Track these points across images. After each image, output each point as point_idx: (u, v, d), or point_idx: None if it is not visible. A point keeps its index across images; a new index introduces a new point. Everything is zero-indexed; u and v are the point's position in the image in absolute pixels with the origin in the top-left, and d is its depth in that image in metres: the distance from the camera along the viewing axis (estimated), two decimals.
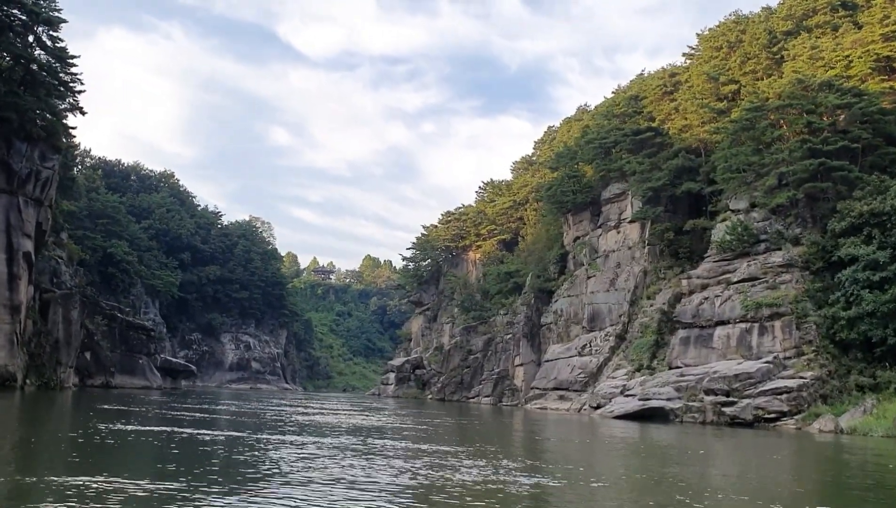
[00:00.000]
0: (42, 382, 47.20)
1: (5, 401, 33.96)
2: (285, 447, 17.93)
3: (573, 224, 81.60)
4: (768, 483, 16.37)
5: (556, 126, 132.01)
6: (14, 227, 44.25)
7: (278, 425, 26.04)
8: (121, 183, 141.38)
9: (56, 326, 48.96)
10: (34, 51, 45.05)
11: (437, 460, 16.60)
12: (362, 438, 21.87)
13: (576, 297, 78.10)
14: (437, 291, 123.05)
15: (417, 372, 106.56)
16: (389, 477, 13.59)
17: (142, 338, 69.74)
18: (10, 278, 43.69)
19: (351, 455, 16.66)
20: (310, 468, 14.37)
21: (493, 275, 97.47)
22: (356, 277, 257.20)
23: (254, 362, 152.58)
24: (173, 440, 18.31)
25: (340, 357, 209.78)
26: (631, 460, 21.83)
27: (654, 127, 74.26)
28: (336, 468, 14.41)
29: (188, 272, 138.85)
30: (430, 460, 16.49)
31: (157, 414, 27.95)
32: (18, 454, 14.60)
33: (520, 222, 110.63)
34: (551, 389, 74.15)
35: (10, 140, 43.91)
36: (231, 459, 15.32)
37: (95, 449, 15.65)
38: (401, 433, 25.51)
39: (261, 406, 42.98)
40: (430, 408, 59.47)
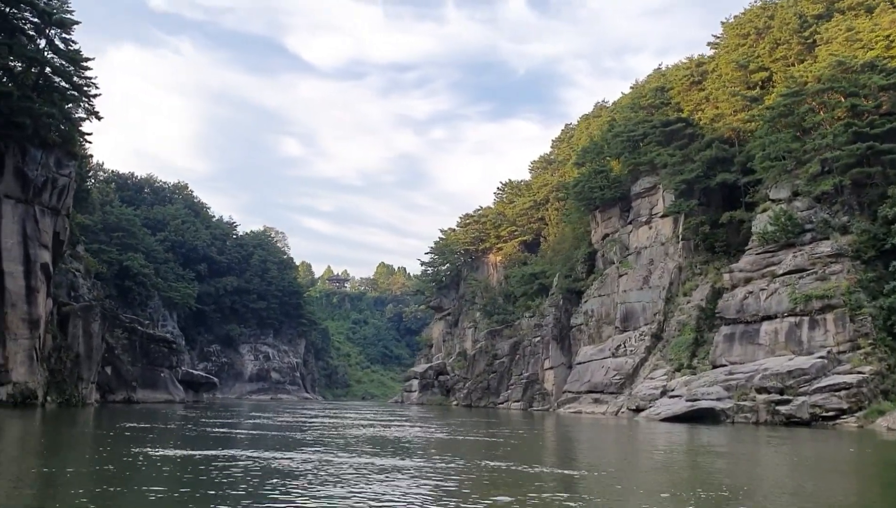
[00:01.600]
0: (63, 399, 45.19)
1: (25, 421, 31.95)
2: (379, 472, 15.22)
3: (601, 221, 79.18)
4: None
5: (573, 124, 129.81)
6: (31, 237, 42.37)
7: (336, 441, 23.63)
8: (135, 196, 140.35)
9: (76, 340, 47.00)
10: (47, 54, 43.20)
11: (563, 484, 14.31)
12: (451, 457, 19.29)
13: (607, 296, 75.68)
14: (457, 295, 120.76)
15: (441, 378, 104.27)
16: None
17: (163, 351, 67.78)
18: (28, 292, 41.79)
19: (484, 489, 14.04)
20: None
21: (517, 277, 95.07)
22: (371, 284, 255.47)
23: (273, 372, 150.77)
24: (233, 469, 15.25)
25: (358, 366, 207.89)
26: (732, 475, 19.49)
27: (684, 118, 71.89)
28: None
29: (205, 284, 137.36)
30: (553, 484, 14.17)
31: (193, 433, 25.64)
32: (40, 487, 12.41)
33: (541, 222, 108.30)
34: (585, 392, 71.77)
35: (24, 147, 42.04)
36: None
37: (134, 479, 13.41)
38: (480, 450, 23.17)
39: (296, 419, 40.76)
40: (464, 416, 57.15)
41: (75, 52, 43.88)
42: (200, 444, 20.67)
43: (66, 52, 44.05)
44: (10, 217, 41.60)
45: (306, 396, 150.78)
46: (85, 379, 47.24)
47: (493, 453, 21.23)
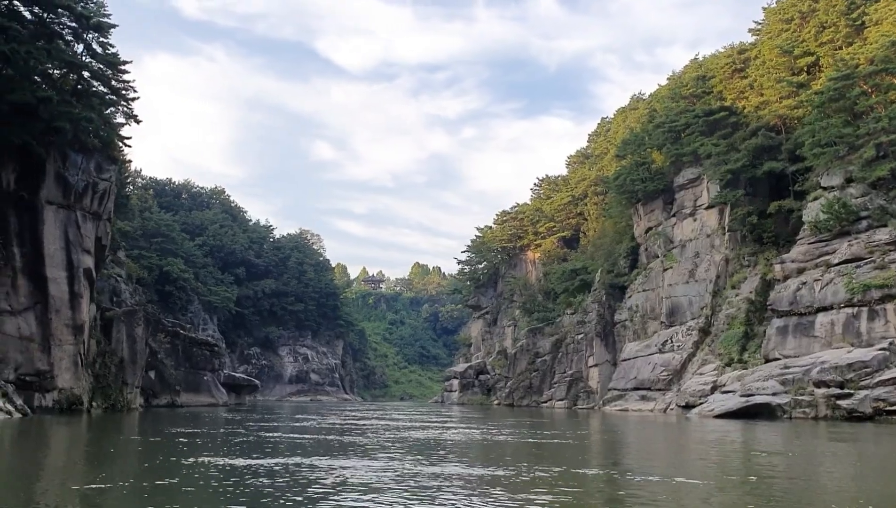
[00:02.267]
0: (109, 404, 45.08)
1: (72, 427, 31.65)
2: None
3: (644, 214, 77.52)
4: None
5: (609, 117, 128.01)
6: (73, 243, 42.27)
7: (398, 446, 22.54)
8: (173, 201, 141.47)
9: (120, 345, 46.89)
10: (84, 58, 43.05)
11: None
12: (532, 464, 18.12)
13: (652, 291, 74.08)
14: (495, 293, 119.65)
15: (481, 378, 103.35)
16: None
17: (205, 354, 67.72)
18: (71, 297, 41.68)
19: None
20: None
21: (557, 274, 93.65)
22: (406, 285, 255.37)
23: (312, 373, 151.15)
24: (307, 480, 13.56)
25: (395, 366, 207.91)
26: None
27: (727, 106, 69.99)
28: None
29: (243, 287, 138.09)
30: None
31: (246, 438, 24.71)
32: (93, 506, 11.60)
33: (580, 217, 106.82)
34: (631, 389, 70.28)
35: (64, 152, 41.93)
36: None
37: (201, 495, 12.50)
38: (564, 454, 22.09)
39: (345, 421, 40.03)
40: (512, 416, 56.12)
41: (113, 56, 43.68)
42: (259, 451, 19.65)
43: (104, 55, 43.87)
44: (53, 223, 41.53)
45: (345, 397, 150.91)
46: (129, 384, 47.09)
47: (577, 457, 20.20)
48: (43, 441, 23.61)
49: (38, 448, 21.16)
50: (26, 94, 38.02)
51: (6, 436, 24.98)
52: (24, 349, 40.22)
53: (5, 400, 33.03)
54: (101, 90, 44.72)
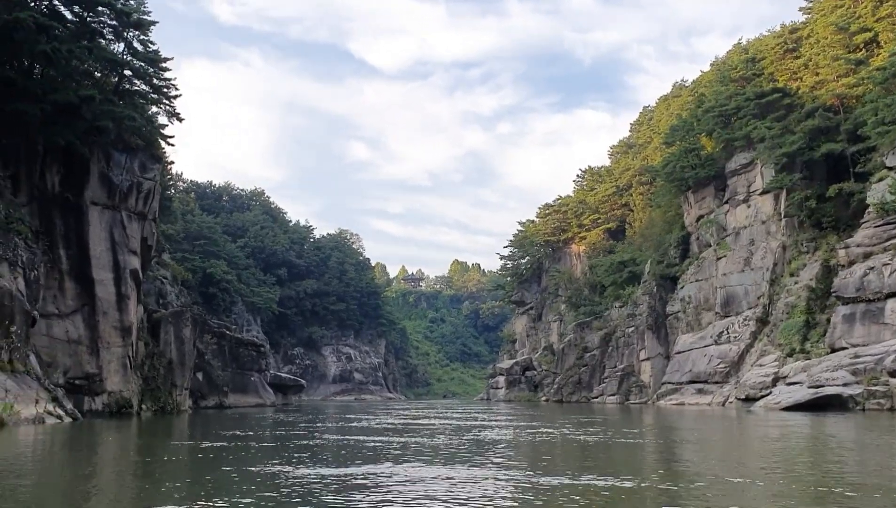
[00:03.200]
0: (158, 406, 44.50)
1: (122, 432, 30.89)
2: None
3: (695, 202, 75.13)
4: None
5: (651, 106, 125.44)
6: (119, 244, 41.71)
7: (476, 449, 20.45)
8: (214, 204, 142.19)
9: (168, 346, 46.32)
10: (126, 56, 42.45)
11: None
12: (627, 466, 16.71)
13: (705, 281, 71.77)
14: (539, 288, 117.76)
15: (528, 374, 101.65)
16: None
17: (252, 355, 67.20)
18: (118, 299, 41.13)
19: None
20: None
21: (605, 266, 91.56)
22: (446, 282, 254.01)
23: (356, 373, 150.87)
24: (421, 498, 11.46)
25: (437, 364, 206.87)
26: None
27: (780, 88, 67.37)
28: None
29: (286, 288, 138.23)
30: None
31: (308, 441, 23.03)
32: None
33: (625, 208, 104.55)
34: (687, 382, 68.17)
35: (108, 152, 41.38)
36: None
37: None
38: (659, 453, 20.58)
39: (402, 421, 38.70)
40: (569, 412, 54.47)
41: (154, 53, 43.05)
42: (333, 457, 17.97)
43: (145, 53, 43.25)
44: (98, 224, 41.01)
45: (389, 395, 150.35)
46: (179, 386, 46.49)
47: (681, 458, 18.67)
48: (96, 448, 22.72)
49: (93, 456, 20.21)
50: (69, 93, 37.48)
51: (57, 442, 24.18)
52: (73, 353, 39.75)
53: (55, 404, 32.41)
54: (143, 88, 44.14)
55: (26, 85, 36.76)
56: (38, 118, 36.88)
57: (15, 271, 34.44)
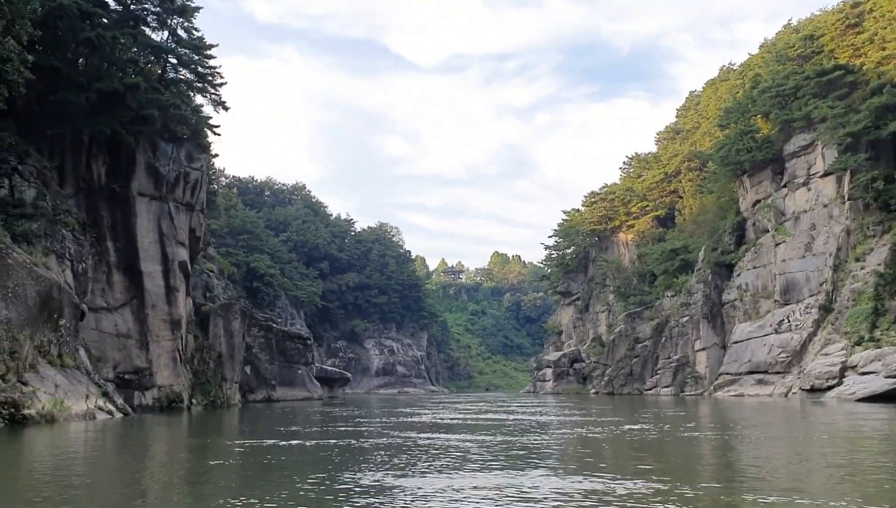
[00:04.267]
0: (209, 400, 43.65)
1: (175, 429, 29.94)
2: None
3: (750, 187, 72.41)
4: None
5: (697, 91, 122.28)
6: (167, 235, 40.87)
7: (575, 449, 18.58)
8: (256, 199, 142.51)
9: (218, 339, 45.44)
10: (170, 43, 41.53)
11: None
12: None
13: (763, 268, 69.14)
14: (585, 279, 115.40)
15: (576, 366, 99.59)
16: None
17: (299, 348, 66.39)
18: (167, 291, 40.31)
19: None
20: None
21: (655, 254, 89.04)
22: (486, 275, 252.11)
23: (399, 366, 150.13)
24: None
25: (479, 356, 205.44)
26: None
27: (842, 65, 64.45)
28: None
29: (328, 281, 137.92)
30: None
31: (388, 440, 20.81)
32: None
33: (674, 195, 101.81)
34: (745, 373, 65.77)
35: (154, 141, 40.52)
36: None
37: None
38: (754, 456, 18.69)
39: (463, 416, 37.09)
40: (630, 405, 52.60)
41: (199, 40, 42.06)
42: (412, 460, 15.28)
43: (189, 41, 42.28)
44: (145, 215, 40.21)
45: (432, 389, 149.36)
46: (228, 379, 45.63)
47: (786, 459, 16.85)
48: (152, 447, 21.59)
49: (147, 454, 19.06)
50: (113, 81, 36.63)
51: (109, 439, 23.17)
52: (122, 347, 39.03)
53: (106, 399, 31.56)
54: (188, 77, 43.16)
55: (71, 74, 36.00)
56: (84, 108, 36.09)
57: (63, 264, 33.70)
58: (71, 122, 36.83)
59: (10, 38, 29.38)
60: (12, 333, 26.25)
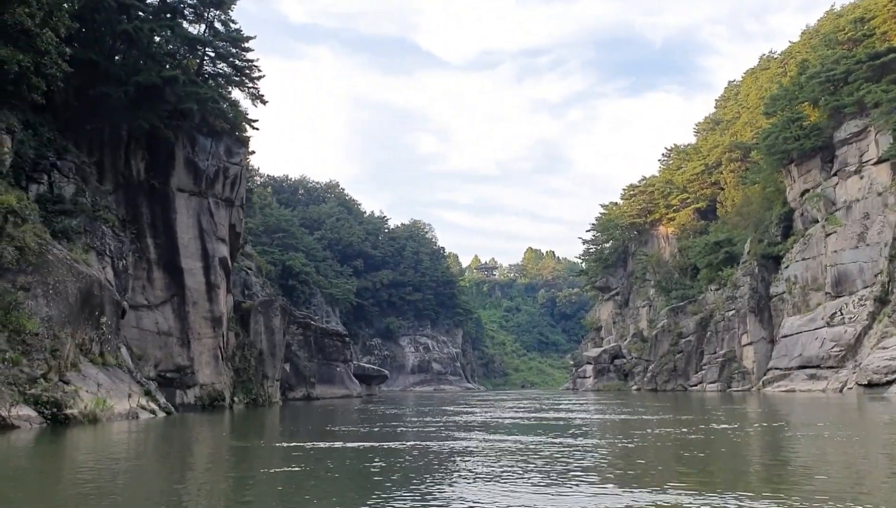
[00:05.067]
0: (250, 399, 42.95)
1: (219, 427, 29.15)
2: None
3: (798, 176, 70.12)
4: None
5: (737, 81, 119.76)
6: (207, 231, 40.21)
7: (670, 460, 17.03)
8: (290, 197, 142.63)
9: (259, 336, 44.74)
10: (207, 36, 40.82)
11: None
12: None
13: (812, 259, 66.90)
14: (625, 273, 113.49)
15: (617, 362, 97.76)
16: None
17: (337, 345, 65.67)
18: (208, 288, 39.65)
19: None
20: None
21: (698, 247, 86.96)
22: (520, 271, 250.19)
23: (434, 363, 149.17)
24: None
25: (514, 353, 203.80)
26: None
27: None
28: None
29: (362, 278, 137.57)
30: None
31: (466, 445, 17.79)
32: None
33: (714, 186, 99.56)
34: (796, 368, 63.69)
35: (193, 136, 39.88)
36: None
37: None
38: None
39: (515, 414, 35.90)
40: (684, 403, 50.99)
41: (236, 32, 41.30)
42: (510, 468, 13.17)
43: (226, 34, 41.54)
44: (185, 211, 39.58)
45: (468, 386, 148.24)
46: (270, 377, 44.91)
47: None
48: (197, 448, 20.71)
49: (196, 460, 18.13)
50: (151, 74, 35.97)
51: (152, 441, 22.36)
52: (163, 345, 38.45)
53: (149, 398, 30.86)
54: (225, 70, 42.43)
55: (108, 68, 35.40)
56: (122, 102, 35.47)
57: (103, 261, 33.10)
58: (109, 117, 36.28)
59: (47, 30, 28.81)
60: (53, 331, 25.61)
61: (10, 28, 27.89)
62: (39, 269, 26.27)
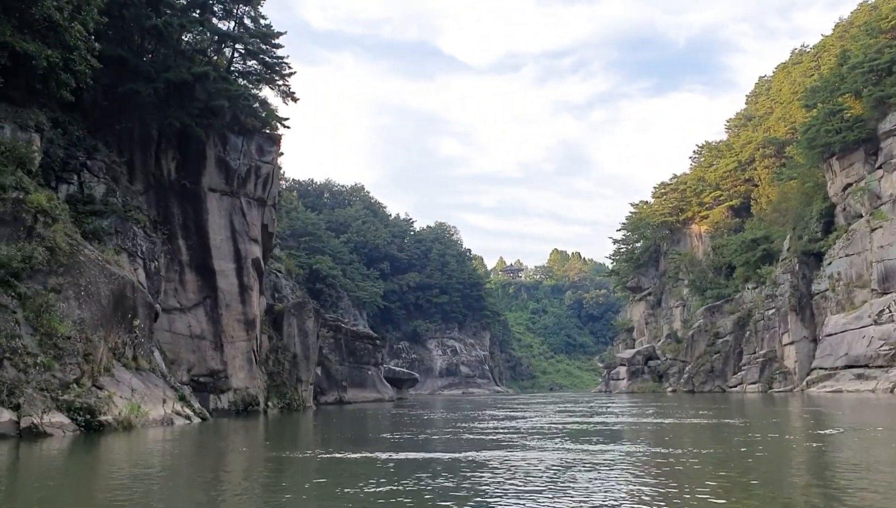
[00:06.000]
0: (284, 403, 41.85)
1: (255, 433, 28.06)
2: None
3: (840, 170, 67.95)
4: None
5: (768, 76, 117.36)
6: (239, 232, 39.21)
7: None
8: (315, 201, 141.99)
9: (292, 339, 43.68)
10: (237, 31, 39.87)
11: None
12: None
13: (857, 255, 64.77)
14: (657, 273, 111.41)
15: (651, 363, 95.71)
16: None
17: (368, 348, 64.61)
18: (241, 290, 38.64)
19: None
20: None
21: (734, 245, 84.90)
22: (545, 272, 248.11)
23: (462, 366, 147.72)
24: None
25: (542, 356, 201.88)
26: None
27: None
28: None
29: (388, 281, 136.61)
30: None
31: (534, 455, 16.98)
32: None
33: (748, 183, 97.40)
34: (842, 367, 61.62)
35: (224, 134, 38.94)
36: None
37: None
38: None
39: (566, 418, 34.38)
40: (736, 405, 49.22)
41: (266, 28, 40.31)
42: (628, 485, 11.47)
43: (256, 30, 40.56)
44: (217, 212, 38.60)
45: (497, 389, 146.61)
46: (304, 381, 43.81)
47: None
48: (234, 455, 19.55)
49: (235, 470, 16.96)
50: (182, 71, 35.03)
51: (187, 448, 21.23)
52: (196, 349, 37.46)
53: (184, 404, 29.83)
54: (255, 67, 41.44)
55: (138, 64, 34.51)
56: (151, 99, 34.56)
57: (135, 263, 32.14)
58: (139, 115, 35.39)
59: (76, 25, 27.91)
60: (86, 334, 24.61)
61: (38, 22, 27.04)
62: (71, 270, 25.32)
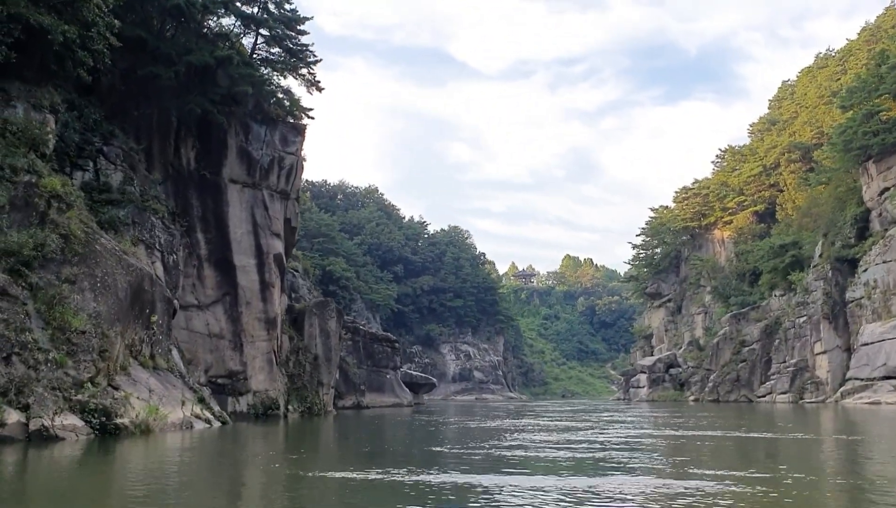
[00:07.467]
0: (305, 407, 39.86)
1: (271, 445, 26.13)
2: None
3: (877, 173, 65.60)
4: None
5: (791, 80, 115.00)
6: (261, 226, 37.32)
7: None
8: (329, 202, 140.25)
9: (314, 340, 41.68)
10: (262, 15, 38.02)
11: None
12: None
13: (894, 262, 62.39)
14: (677, 279, 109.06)
15: (672, 371, 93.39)
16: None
17: (386, 351, 62.62)
18: (262, 287, 36.72)
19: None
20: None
21: (762, 251, 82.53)
22: (558, 278, 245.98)
23: (476, 371, 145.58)
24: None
25: (554, 362, 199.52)
26: None
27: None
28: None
29: (402, 284, 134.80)
30: None
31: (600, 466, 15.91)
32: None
33: (773, 188, 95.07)
34: (880, 378, 59.18)
35: (246, 123, 37.09)
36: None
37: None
38: None
39: (593, 430, 32.36)
40: (790, 416, 47.04)
41: (292, 12, 38.46)
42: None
43: (280, 15, 38.71)
44: (238, 204, 36.72)
45: (511, 395, 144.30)
46: (325, 384, 41.82)
47: None
48: (255, 466, 17.60)
49: (256, 490, 15.00)
50: (204, 54, 33.19)
51: (205, 458, 19.29)
52: (214, 348, 35.56)
53: (203, 406, 27.95)
54: (280, 55, 39.56)
55: (158, 47, 32.68)
56: (172, 83, 32.76)
57: (152, 255, 30.28)
58: (158, 100, 33.61)
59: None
60: (102, 329, 22.70)
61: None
62: (86, 260, 23.43)
